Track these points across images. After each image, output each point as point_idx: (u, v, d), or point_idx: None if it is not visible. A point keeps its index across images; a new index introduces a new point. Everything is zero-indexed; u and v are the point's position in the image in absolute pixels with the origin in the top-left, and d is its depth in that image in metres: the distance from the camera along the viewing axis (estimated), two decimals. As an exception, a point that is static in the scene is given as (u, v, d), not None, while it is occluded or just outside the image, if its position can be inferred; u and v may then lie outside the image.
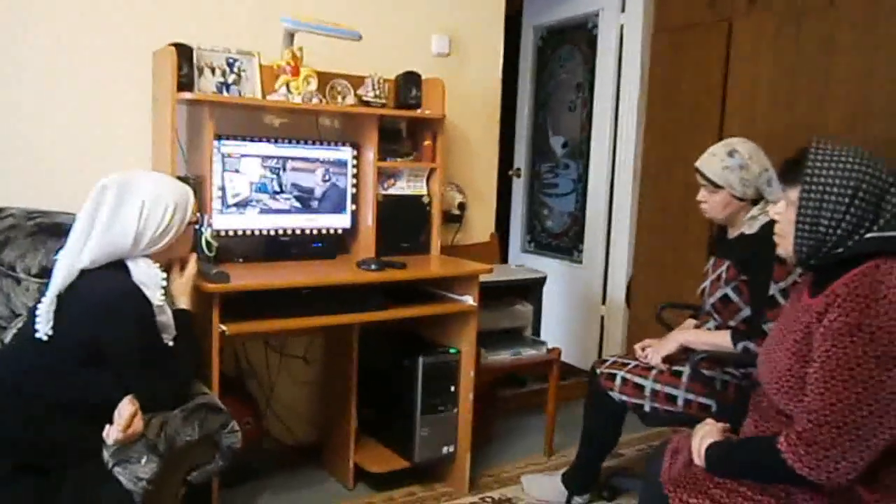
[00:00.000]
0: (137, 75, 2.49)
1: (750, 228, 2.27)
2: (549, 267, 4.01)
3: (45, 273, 2.02)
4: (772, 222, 1.65)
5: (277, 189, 2.61)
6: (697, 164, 2.33)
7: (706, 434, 1.65)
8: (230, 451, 1.89)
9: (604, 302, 4.03)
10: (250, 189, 2.55)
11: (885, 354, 1.35)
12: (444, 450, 2.69)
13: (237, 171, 2.51)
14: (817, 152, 1.49)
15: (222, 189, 2.48)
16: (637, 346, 2.50)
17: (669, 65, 3.61)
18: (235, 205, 2.52)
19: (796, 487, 1.46)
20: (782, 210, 1.57)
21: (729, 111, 3.32)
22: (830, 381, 1.39)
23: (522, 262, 4.06)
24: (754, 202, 2.28)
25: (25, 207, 2.22)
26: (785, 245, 1.57)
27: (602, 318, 4.03)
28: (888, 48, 2.75)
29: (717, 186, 2.28)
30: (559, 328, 4.07)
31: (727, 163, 2.26)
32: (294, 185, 2.64)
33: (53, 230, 2.16)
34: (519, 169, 4.58)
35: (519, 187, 4.61)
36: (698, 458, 1.62)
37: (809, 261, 1.52)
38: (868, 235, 1.45)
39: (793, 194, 1.52)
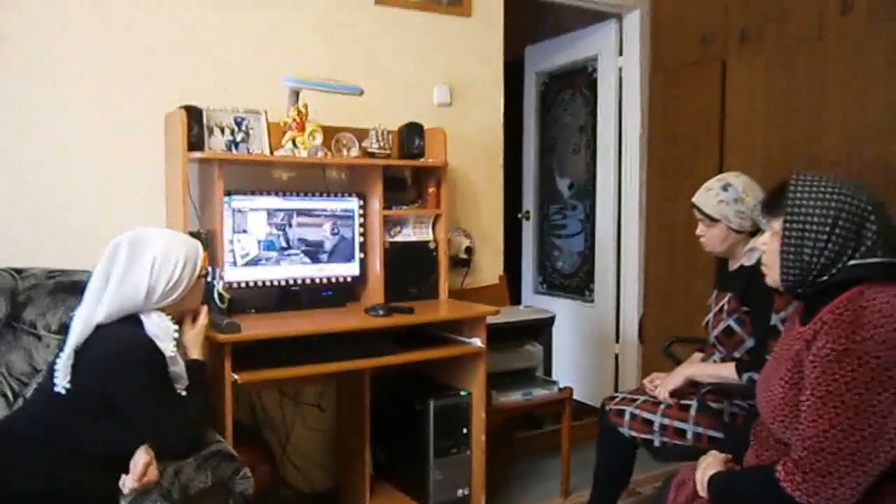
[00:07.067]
0: (151, 136, 2.60)
1: (749, 260, 2.30)
2: (561, 307, 4.04)
3: (65, 330, 2.09)
4: None
5: (284, 245, 2.68)
6: (694, 199, 2.38)
7: (709, 465, 1.66)
8: (243, 497, 1.92)
9: (617, 340, 4.04)
10: (258, 247, 2.62)
11: (874, 378, 1.37)
12: (459, 492, 2.70)
13: (245, 231, 2.59)
14: (797, 183, 1.54)
15: (232, 245, 2.56)
16: (646, 381, 2.52)
17: (668, 103, 3.69)
18: (245, 264, 2.60)
19: (798, 515, 1.46)
20: (768, 240, 1.61)
21: (728, 145, 3.39)
22: (822, 407, 1.40)
23: (535, 304, 4.08)
24: (752, 234, 2.31)
25: (46, 267, 2.32)
26: (772, 275, 1.60)
27: (616, 356, 4.04)
28: (875, 76, 2.82)
29: (713, 220, 2.32)
30: (574, 368, 4.07)
31: (722, 196, 2.30)
32: (301, 240, 2.71)
33: (72, 288, 2.25)
34: (528, 211, 4.64)
35: (529, 229, 4.67)
36: (702, 490, 1.63)
37: (797, 289, 1.56)
38: (851, 262, 1.48)
39: (776, 225, 1.56)
